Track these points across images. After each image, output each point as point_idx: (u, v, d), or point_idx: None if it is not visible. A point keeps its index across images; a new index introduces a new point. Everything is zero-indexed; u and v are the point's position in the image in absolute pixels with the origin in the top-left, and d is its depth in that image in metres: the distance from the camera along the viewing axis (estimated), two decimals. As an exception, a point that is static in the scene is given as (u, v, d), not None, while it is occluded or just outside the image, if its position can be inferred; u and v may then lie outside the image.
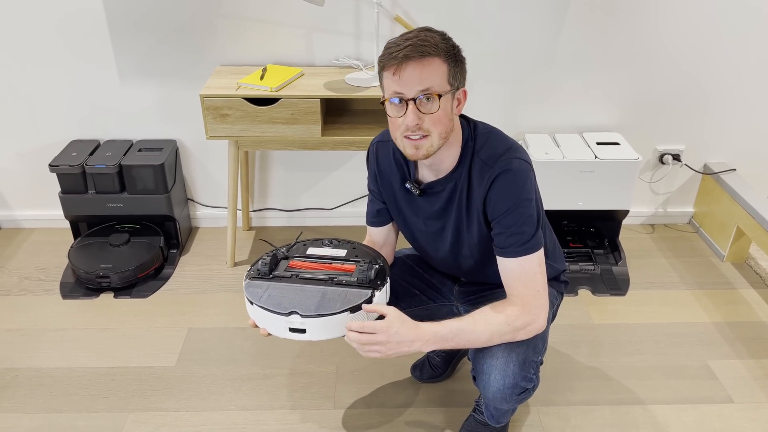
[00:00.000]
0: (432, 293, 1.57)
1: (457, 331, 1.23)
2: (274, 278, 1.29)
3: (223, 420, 1.70)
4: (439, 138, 1.21)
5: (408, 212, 1.42)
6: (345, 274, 1.29)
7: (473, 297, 1.54)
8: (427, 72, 1.15)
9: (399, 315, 1.21)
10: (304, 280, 1.28)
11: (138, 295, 2.19)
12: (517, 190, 1.23)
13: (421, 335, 1.20)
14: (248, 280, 1.29)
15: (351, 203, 2.57)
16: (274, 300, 1.22)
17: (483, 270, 1.46)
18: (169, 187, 2.29)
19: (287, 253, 1.37)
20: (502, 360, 1.28)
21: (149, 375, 1.85)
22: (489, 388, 1.30)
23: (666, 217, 2.64)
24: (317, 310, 1.19)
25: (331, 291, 1.24)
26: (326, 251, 1.38)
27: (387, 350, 1.19)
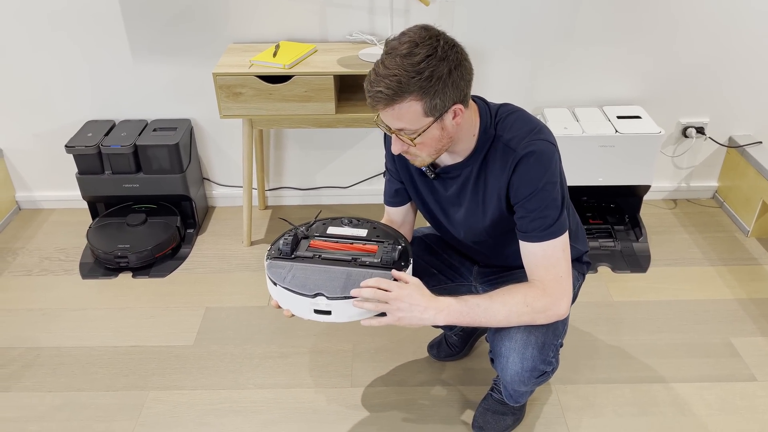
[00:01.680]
0: (451, 273, 1.55)
1: (473, 307, 1.20)
2: (296, 258, 1.27)
3: (241, 398, 1.71)
4: (429, 156, 1.22)
5: (425, 193, 1.39)
6: (368, 255, 1.27)
7: (493, 278, 1.51)
8: (398, 114, 1.12)
9: (419, 283, 1.20)
10: (327, 260, 1.26)
11: (156, 274, 2.20)
12: (541, 173, 1.19)
13: (435, 305, 1.18)
14: (270, 260, 1.27)
15: (367, 181, 2.55)
16: (299, 281, 1.20)
17: (502, 252, 1.43)
18: (185, 166, 2.28)
19: (307, 233, 1.35)
20: (520, 343, 1.26)
21: (168, 354, 1.87)
22: (507, 371, 1.28)
23: (689, 191, 2.58)
24: (343, 292, 1.17)
25: (356, 272, 1.22)
26: (347, 231, 1.36)
27: (398, 310, 1.15)
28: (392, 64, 1.09)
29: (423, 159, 1.23)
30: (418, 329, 1.90)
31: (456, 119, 1.17)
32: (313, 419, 1.65)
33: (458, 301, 1.21)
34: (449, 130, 1.19)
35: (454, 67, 1.10)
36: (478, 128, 1.25)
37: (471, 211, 1.33)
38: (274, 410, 1.68)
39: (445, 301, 1.20)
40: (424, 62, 1.08)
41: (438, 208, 1.40)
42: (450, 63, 1.10)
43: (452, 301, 1.20)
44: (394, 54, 1.10)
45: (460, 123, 1.19)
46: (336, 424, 1.63)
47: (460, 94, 1.14)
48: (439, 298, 1.20)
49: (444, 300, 1.20)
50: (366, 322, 1.19)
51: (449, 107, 1.14)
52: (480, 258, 1.52)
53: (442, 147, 1.22)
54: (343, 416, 1.66)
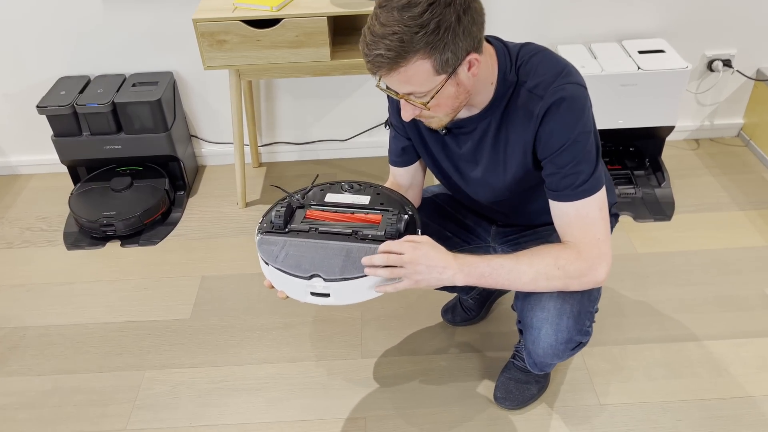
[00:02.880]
0: (466, 235, 1.40)
1: (497, 267, 1.07)
2: (290, 232, 1.13)
3: (244, 375, 1.60)
4: (446, 116, 1.07)
5: (436, 150, 1.23)
6: (370, 227, 1.13)
7: (513, 237, 1.37)
8: (405, 78, 0.96)
9: (432, 241, 1.06)
10: (324, 234, 1.12)
11: (146, 242, 2.06)
12: (573, 122, 1.03)
13: (454, 263, 1.05)
14: (261, 235, 1.13)
15: (367, 133, 2.38)
16: (293, 260, 1.07)
17: (524, 210, 1.29)
18: (169, 124, 2.10)
19: (302, 201, 1.20)
20: (553, 312, 1.13)
21: (164, 329, 1.74)
22: (539, 344, 1.15)
23: (712, 130, 2.41)
24: (342, 273, 1.03)
25: (357, 248, 1.08)
26: (347, 198, 1.21)
27: (415, 274, 1.03)
28: (390, 20, 0.92)
29: (440, 120, 1.08)
30: (431, 292, 1.77)
31: (472, 70, 1.01)
32: (323, 395, 1.54)
33: (480, 260, 1.07)
34: (465, 85, 1.02)
35: (462, 11, 0.93)
36: (497, 75, 1.08)
37: (490, 169, 1.18)
38: (281, 386, 1.57)
39: (466, 259, 1.07)
40: (427, 12, 0.91)
41: (451, 166, 1.24)
42: (457, 7, 0.93)
43: (473, 259, 1.07)
44: (389, 7, 0.93)
45: (477, 74, 1.02)
46: (347, 399, 1.52)
47: (473, 42, 0.97)
48: (458, 256, 1.07)
49: (464, 258, 1.07)
50: (381, 289, 1.06)
51: (463, 59, 0.98)
52: (498, 217, 1.38)
53: (460, 104, 1.05)
54: (355, 390, 1.54)
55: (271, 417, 1.50)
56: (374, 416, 1.48)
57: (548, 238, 1.31)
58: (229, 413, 1.51)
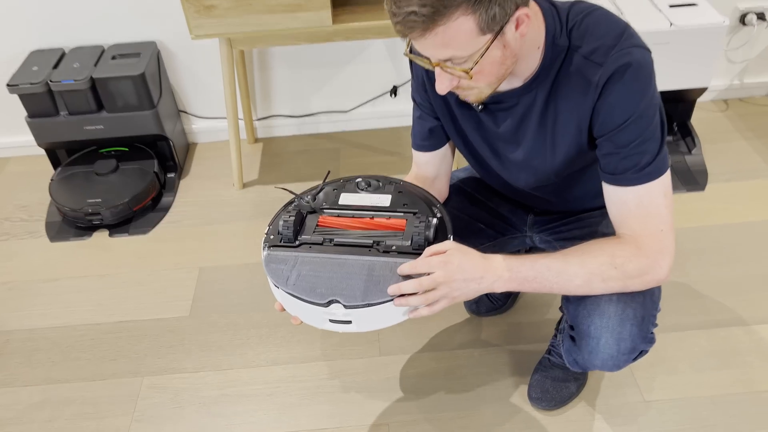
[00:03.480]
0: (500, 225, 1.25)
1: (543, 270, 0.92)
2: (301, 246, 0.97)
3: (252, 379, 1.46)
4: (489, 86, 0.90)
5: (469, 129, 1.07)
6: (394, 235, 0.97)
7: (554, 225, 1.22)
8: (443, 39, 0.80)
9: (459, 246, 0.91)
10: (341, 247, 0.96)
11: (136, 231, 1.89)
12: (640, 93, 0.88)
13: (493, 272, 0.91)
14: (268, 251, 0.97)
15: (371, 102, 2.19)
16: (306, 282, 0.91)
17: (569, 196, 1.13)
18: (155, 100, 1.91)
19: (313, 205, 1.04)
20: (615, 320, 0.98)
21: (161, 329, 1.59)
22: (597, 355, 1.01)
23: (741, 89, 2.24)
24: (365, 297, 0.88)
25: (380, 264, 0.92)
26: (364, 198, 1.05)
27: (452, 291, 0.89)
28: None
29: (480, 91, 0.91)
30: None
31: (520, 29, 0.84)
32: (340, 399, 1.40)
33: (522, 262, 0.93)
34: (512, 47, 0.85)
35: None
36: (544, 39, 0.91)
37: (535, 150, 1.02)
38: (293, 391, 1.43)
39: (505, 263, 0.92)
40: None
41: (486, 148, 1.08)
42: None
43: (514, 262, 0.92)
44: None
45: (525, 34, 0.85)
46: (367, 403, 1.39)
47: (517, 3, 0.81)
48: (494, 260, 0.92)
49: (503, 262, 0.92)
50: (415, 314, 0.92)
51: (511, 14, 0.81)
52: (537, 204, 1.22)
53: (506, 71, 0.89)
54: (375, 393, 1.41)
55: (285, 426, 1.36)
56: (398, 422, 1.35)
57: (594, 225, 1.16)
58: (239, 423, 1.37)
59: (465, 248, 0.92)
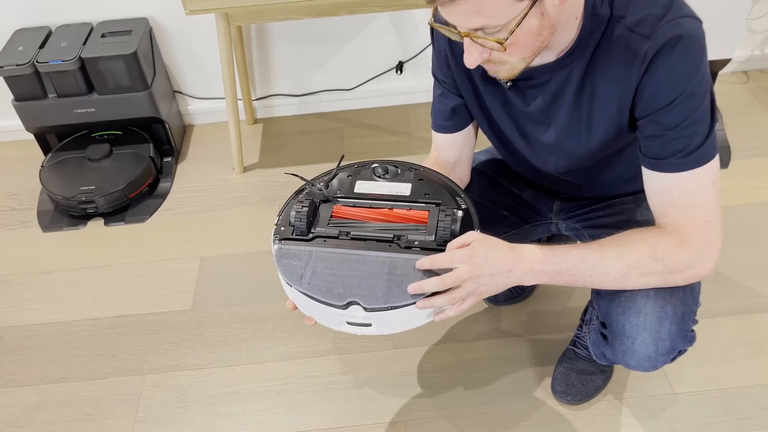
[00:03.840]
0: (523, 212, 1.17)
1: (577, 261, 0.85)
2: (315, 239, 0.89)
3: (260, 375, 1.39)
4: (522, 60, 0.81)
5: (495, 108, 0.98)
6: (416, 229, 0.89)
7: (582, 212, 1.14)
8: (476, 6, 0.71)
9: (484, 237, 0.83)
10: (358, 242, 0.88)
11: (133, 219, 1.80)
12: (691, 69, 0.79)
13: (520, 261, 0.83)
14: (279, 245, 0.89)
15: (375, 80, 2.09)
16: (322, 281, 0.84)
17: (602, 180, 1.05)
18: (149, 81, 1.81)
19: (327, 193, 0.95)
20: (653, 318, 0.90)
21: (162, 323, 1.51)
22: (632, 355, 0.93)
23: (762, 60, 2.14)
24: (387, 298, 0.81)
25: (402, 261, 0.85)
26: (382, 187, 0.96)
27: (479, 287, 0.82)
28: None
29: (512, 66, 0.82)
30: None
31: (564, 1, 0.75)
32: (354, 396, 1.33)
33: (554, 253, 0.85)
34: (551, 16, 0.76)
35: None
36: (583, 8, 0.82)
37: (567, 131, 0.93)
38: (304, 387, 1.36)
39: (535, 254, 0.84)
40: None
41: (513, 129, 0.99)
42: None
43: (545, 253, 0.85)
44: None
45: (565, 1, 0.76)
46: (382, 400, 1.32)
47: None
48: (523, 251, 0.85)
49: (533, 253, 0.85)
50: (441, 316, 0.84)
51: None
52: (565, 189, 1.13)
53: (541, 44, 0.80)
54: (389, 388, 1.34)
55: (296, 425, 1.29)
56: (415, 419, 1.29)
57: (627, 213, 1.08)
58: (247, 423, 1.30)
59: (490, 239, 0.84)
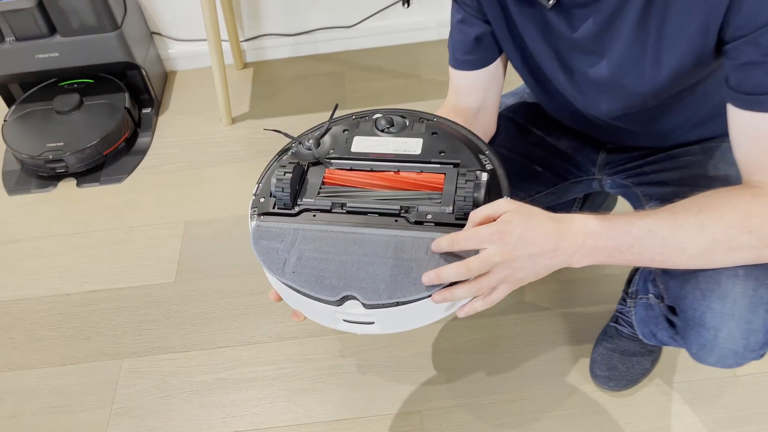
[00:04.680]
0: (561, 166, 0.96)
1: (643, 235, 0.65)
2: (302, 213, 0.70)
3: (254, 358, 1.21)
4: None
5: (531, 35, 0.76)
6: (429, 198, 0.70)
7: (634, 165, 0.93)
8: None
9: (519, 207, 0.64)
10: (356, 216, 0.69)
11: (109, 180, 1.60)
12: None
13: (569, 236, 0.64)
14: (257, 221, 0.70)
15: (378, 15, 1.84)
16: (311, 269, 0.65)
17: (664, 125, 0.85)
18: (119, 19, 1.57)
19: (318, 154, 0.75)
20: (743, 305, 0.70)
21: (142, 299, 1.33)
22: (713, 351, 0.74)
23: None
24: (393, 292, 0.63)
25: (412, 242, 0.66)
26: (386, 143, 0.76)
27: (514, 273, 0.64)
28: None
29: None
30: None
31: None
32: (361, 382, 1.16)
33: (612, 225, 0.65)
34: None
35: None
36: None
37: (628, 63, 0.72)
38: (304, 373, 1.18)
39: (588, 226, 0.65)
40: None
41: (553, 60, 0.78)
42: None
43: (600, 226, 0.65)
44: None
45: None
46: (393, 387, 1.15)
47: None
48: (572, 223, 0.65)
49: (585, 226, 0.65)
50: (464, 311, 0.66)
51: None
52: (615, 137, 0.92)
53: None
54: (402, 373, 1.17)
55: (296, 417, 1.12)
56: (431, 409, 1.12)
57: (693, 167, 0.87)
58: (239, 415, 1.14)
59: (527, 209, 0.64)
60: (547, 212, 0.65)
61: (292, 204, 0.71)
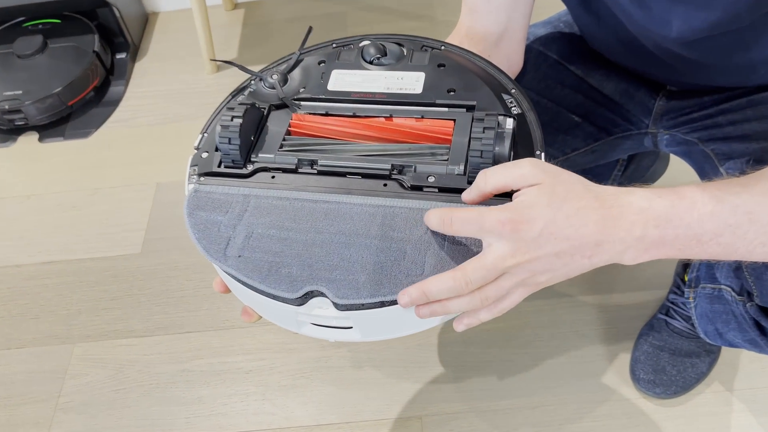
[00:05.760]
0: (605, 116, 0.74)
1: (739, 219, 0.44)
2: (257, 174, 0.53)
3: (226, 346, 1.03)
4: None
5: None
6: (432, 152, 0.52)
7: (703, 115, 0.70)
8: None
9: (549, 175, 0.43)
10: (330, 178, 0.51)
11: (75, 134, 1.40)
12: None
13: (621, 224, 0.43)
14: (196, 184, 0.53)
15: (388, -54, 1.59)
16: (263, 252, 0.49)
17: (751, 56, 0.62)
18: (83, -53, 1.36)
19: (284, 94, 0.57)
20: None
21: (102, 272, 1.15)
22: None
23: None
24: (375, 288, 0.45)
25: (405, 213, 0.48)
26: (375, 79, 0.58)
27: (534, 276, 0.45)
28: None
29: None
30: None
31: None
32: (351, 378, 0.97)
33: (690, 206, 0.44)
34: None
35: None
36: None
37: None
38: (283, 366, 1.00)
39: (650, 209, 0.44)
40: None
41: None
42: None
43: (671, 206, 0.44)
44: None
45: None
46: (391, 386, 0.95)
47: None
48: (625, 203, 0.44)
49: (644, 207, 0.44)
50: (462, 324, 0.49)
51: None
52: (679, 76, 0.69)
53: None
54: (400, 369, 0.97)
55: (271, 420, 0.94)
56: (434, 415, 0.92)
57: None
58: (206, 415, 0.95)
59: (560, 180, 0.44)
60: (588, 184, 0.44)
61: (244, 161, 0.53)
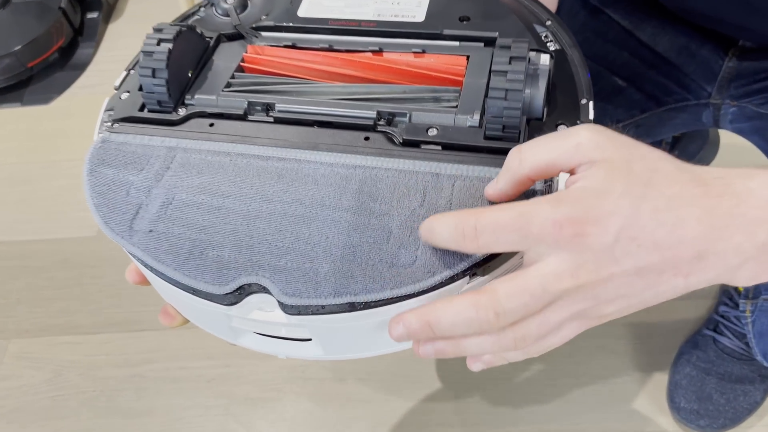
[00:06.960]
0: (656, 80, 0.58)
1: None
2: (189, 121, 0.38)
3: (185, 349, 0.87)
4: None
5: None
6: (435, 97, 0.36)
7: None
8: None
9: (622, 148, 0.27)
10: (292, 128, 0.36)
11: (34, 99, 1.25)
12: None
13: (739, 224, 0.26)
14: (107, 131, 0.38)
15: None
16: (183, 225, 0.33)
17: None
18: None
19: (239, 21, 0.43)
20: None
21: (50, 257, 0.99)
22: None
23: None
24: (345, 280, 0.29)
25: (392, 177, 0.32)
26: (364, 3, 0.43)
27: (601, 308, 0.28)
28: None
29: None
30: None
31: None
32: (332, 393, 0.82)
33: None
34: None
35: None
36: None
37: None
38: (250, 375, 0.84)
39: None
40: None
41: None
42: None
43: None
44: None
45: None
46: (377, 400, 0.80)
47: None
48: (745, 192, 0.26)
49: None
50: (480, 362, 0.32)
51: None
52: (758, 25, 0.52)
53: None
54: (392, 384, 0.82)
55: (234, 440, 0.79)
56: (431, 441, 0.77)
57: None
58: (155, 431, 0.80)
59: (639, 148, 0.28)
60: (678, 162, 0.28)
61: (174, 103, 0.38)
